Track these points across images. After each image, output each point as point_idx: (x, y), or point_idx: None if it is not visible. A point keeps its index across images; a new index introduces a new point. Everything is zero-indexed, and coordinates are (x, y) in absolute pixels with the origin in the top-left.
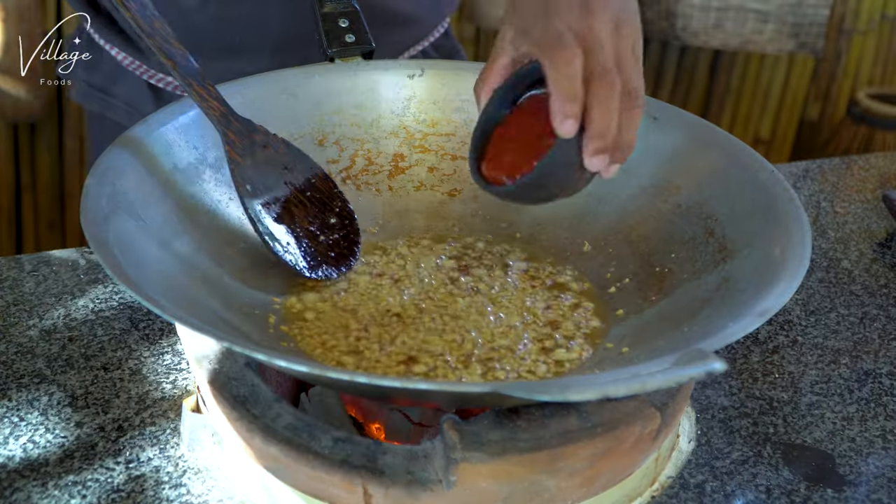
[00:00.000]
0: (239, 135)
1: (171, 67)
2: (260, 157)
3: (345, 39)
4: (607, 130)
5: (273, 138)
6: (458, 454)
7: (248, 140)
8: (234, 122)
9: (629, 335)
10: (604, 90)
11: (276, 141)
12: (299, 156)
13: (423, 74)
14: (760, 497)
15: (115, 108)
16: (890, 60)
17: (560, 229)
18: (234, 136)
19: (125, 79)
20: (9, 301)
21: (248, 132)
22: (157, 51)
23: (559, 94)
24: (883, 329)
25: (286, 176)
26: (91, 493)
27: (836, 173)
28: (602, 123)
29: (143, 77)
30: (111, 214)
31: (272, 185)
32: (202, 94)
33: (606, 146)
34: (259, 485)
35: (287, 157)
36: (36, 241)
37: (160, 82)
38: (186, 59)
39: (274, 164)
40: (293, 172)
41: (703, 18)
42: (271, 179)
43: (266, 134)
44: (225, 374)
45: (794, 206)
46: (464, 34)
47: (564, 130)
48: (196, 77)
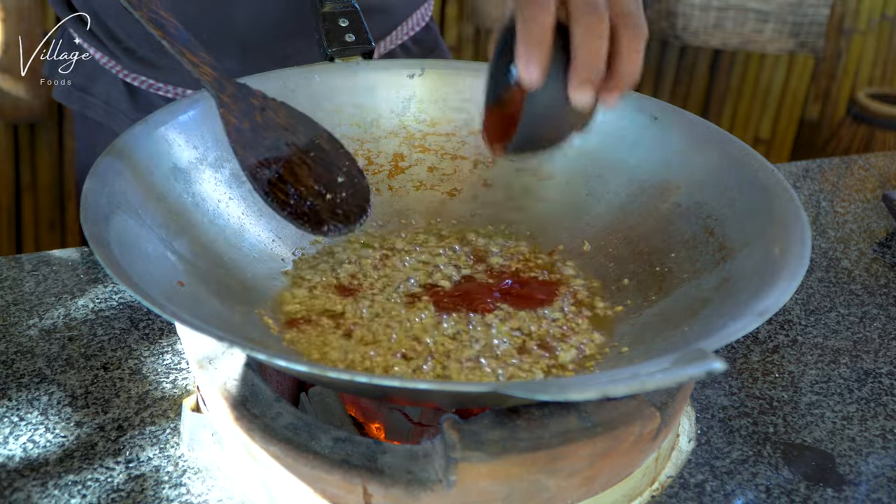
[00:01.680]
0: (234, 98)
1: (160, 38)
2: (258, 120)
3: (345, 39)
4: (592, 61)
5: (271, 101)
6: (458, 454)
7: (244, 103)
8: (229, 86)
9: (629, 335)
10: (585, 21)
11: (275, 104)
12: (301, 117)
13: (423, 74)
14: (760, 497)
15: (94, 107)
16: (890, 60)
17: (560, 229)
18: (229, 100)
19: (103, 78)
20: (9, 301)
21: (245, 96)
22: (146, 22)
23: (522, 41)
24: (883, 329)
25: (287, 137)
26: (91, 492)
27: (836, 173)
28: (585, 53)
29: (119, 76)
30: (111, 214)
31: (272, 146)
32: (194, 62)
33: (591, 77)
34: (259, 485)
35: (287, 119)
36: (36, 241)
37: (135, 81)
38: (177, 29)
39: (273, 127)
40: (295, 134)
41: (703, 18)
42: (270, 141)
43: (264, 98)
44: (225, 373)
45: (794, 206)
46: (464, 34)
47: (528, 78)
48: (188, 45)
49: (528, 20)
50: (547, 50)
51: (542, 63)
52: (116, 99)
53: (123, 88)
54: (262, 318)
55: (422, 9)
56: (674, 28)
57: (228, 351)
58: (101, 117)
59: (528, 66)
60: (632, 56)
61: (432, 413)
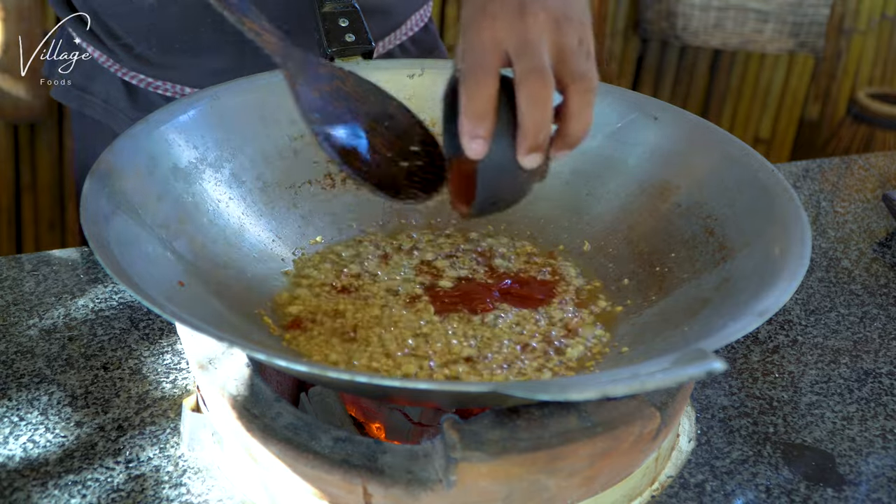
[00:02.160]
0: (301, 66)
1: (221, 7)
2: (326, 88)
3: (345, 39)
4: (537, 129)
5: (339, 71)
6: (458, 454)
7: (311, 72)
8: (295, 54)
9: (629, 335)
10: (529, 89)
11: (343, 73)
12: (371, 87)
13: (422, 74)
14: (760, 497)
15: (92, 106)
16: (890, 60)
17: (560, 229)
18: (297, 68)
19: (101, 76)
20: (9, 301)
21: (314, 65)
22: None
23: (465, 113)
24: (883, 329)
25: (357, 106)
26: (91, 492)
27: (836, 173)
28: (530, 122)
29: (118, 75)
30: (111, 214)
31: (341, 115)
32: (256, 30)
33: (537, 144)
34: (259, 484)
35: (357, 88)
36: (36, 241)
37: (133, 79)
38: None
39: (342, 96)
40: (365, 103)
41: (703, 18)
42: (340, 109)
43: (332, 67)
44: (225, 373)
45: (794, 205)
46: None
47: (472, 150)
48: (249, 13)
49: (472, 89)
50: (490, 122)
51: (486, 135)
52: (115, 98)
53: (122, 87)
54: (262, 318)
55: (421, 10)
56: (674, 28)
57: (228, 351)
58: (99, 116)
59: (471, 142)
60: (581, 115)
61: (432, 413)
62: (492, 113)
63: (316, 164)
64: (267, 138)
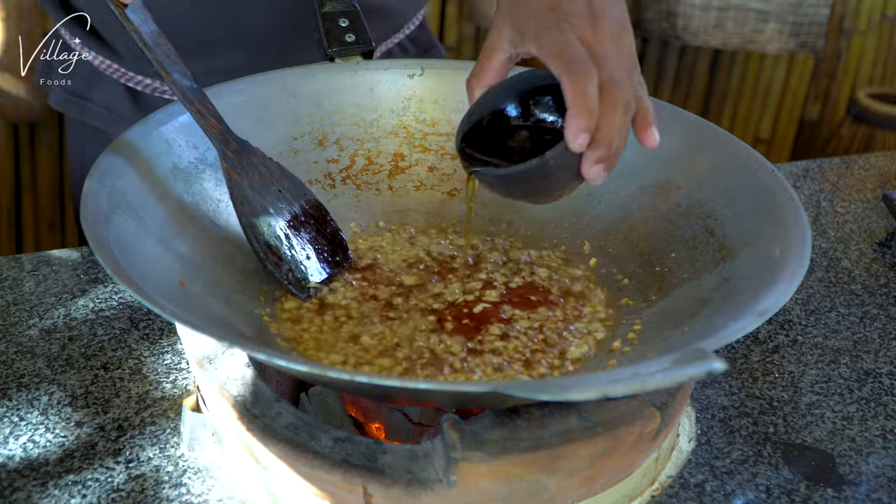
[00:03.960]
0: (237, 154)
1: (170, 83)
2: (256, 179)
3: (345, 39)
4: (611, 140)
5: (269, 161)
6: (458, 454)
7: (245, 160)
8: (233, 142)
9: (629, 335)
10: (612, 101)
11: (272, 164)
12: (293, 180)
13: (422, 74)
14: (760, 497)
15: (93, 114)
16: (890, 60)
17: (560, 229)
18: (233, 155)
19: (102, 83)
20: (9, 301)
21: (246, 153)
22: (157, 65)
23: (577, 109)
24: (883, 329)
25: (280, 198)
26: (91, 492)
27: (836, 173)
28: (608, 134)
29: (121, 81)
30: (111, 214)
31: (267, 206)
32: (202, 112)
33: (609, 155)
34: (259, 484)
35: (282, 181)
36: (36, 241)
37: (138, 85)
38: (187, 76)
39: (269, 187)
40: (287, 196)
41: (703, 18)
42: (266, 200)
43: (262, 157)
44: (225, 373)
45: (794, 206)
46: (464, 34)
47: (579, 144)
48: (196, 95)
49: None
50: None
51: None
52: (118, 105)
53: (126, 94)
54: (262, 317)
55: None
56: (674, 28)
57: (228, 351)
58: (101, 124)
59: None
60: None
61: (432, 413)
62: (597, 106)
63: (316, 164)
64: (267, 138)
